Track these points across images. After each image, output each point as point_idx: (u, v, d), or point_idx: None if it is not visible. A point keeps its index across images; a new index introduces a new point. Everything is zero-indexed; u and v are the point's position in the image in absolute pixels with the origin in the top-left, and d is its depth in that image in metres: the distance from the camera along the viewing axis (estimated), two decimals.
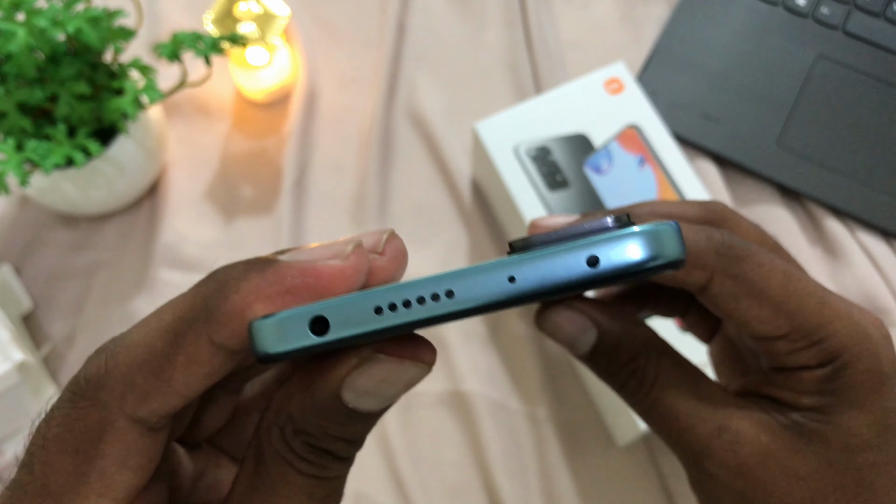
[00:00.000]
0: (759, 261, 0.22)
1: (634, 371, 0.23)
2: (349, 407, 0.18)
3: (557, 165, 0.48)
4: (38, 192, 0.50)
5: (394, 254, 0.19)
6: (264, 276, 0.17)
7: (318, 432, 0.18)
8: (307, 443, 0.18)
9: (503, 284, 0.18)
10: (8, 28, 0.43)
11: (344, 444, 0.18)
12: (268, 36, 0.53)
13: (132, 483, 0.18)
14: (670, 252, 0.18)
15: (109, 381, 0.17)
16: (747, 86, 0.57)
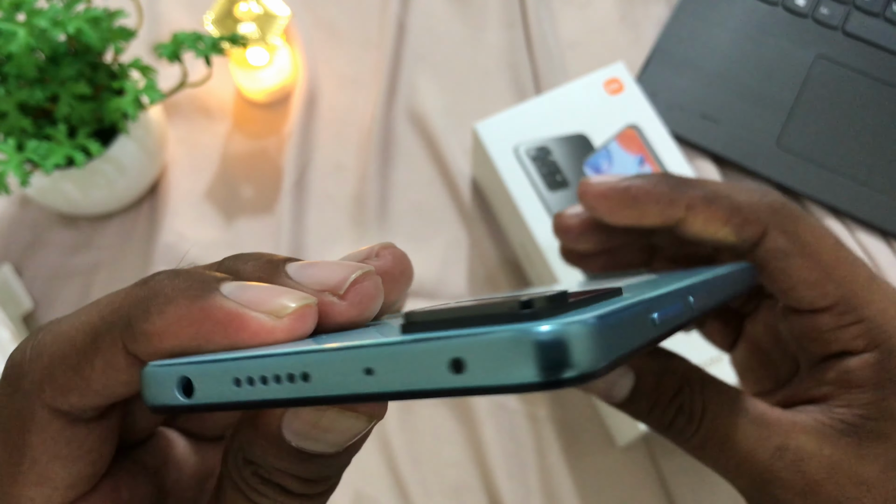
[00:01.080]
0: (812, 222, 0.22)
1: (680, 408, 0.22)
2: (294, 447, 0.16)
3: (557, 165, 0.48)
4: (39, 192, 0.50)
5: (357, 298, 0.16)
6: (191, 308, 0.15)
7: (266, 465, 0.16)
8: (256, 473, 0.16)
9: (359, 378, 0.13)
10: (8, 28, 0.43)
11: (297, 482, 0.16)
12: (268, 36, 0.53)
13: (71, 474, 0.17)
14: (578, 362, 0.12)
15: (30, 370, 0.16)
16: (747, 86, 0.57)
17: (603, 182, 0.25)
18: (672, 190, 0.23)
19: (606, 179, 0.25)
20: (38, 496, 0.17)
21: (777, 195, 0.23)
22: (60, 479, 0.17)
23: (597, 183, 0.25)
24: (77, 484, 0.17)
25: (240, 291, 0.16)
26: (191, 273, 0.16)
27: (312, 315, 0.16)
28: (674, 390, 0.22)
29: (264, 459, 0.16)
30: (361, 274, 0.16)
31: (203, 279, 0.16)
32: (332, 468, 0.17)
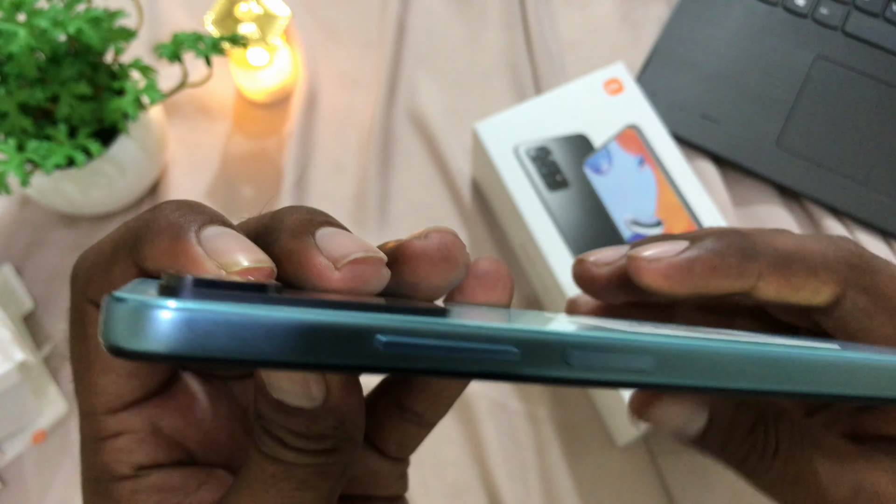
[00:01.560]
0: (892, 272, 0.21)
1: (754, 445, 0.21)
2: (276, 399, 0.17)
3: (557, 166, 0.48)
4: (39, 192, 0.50)
5: (350, 276, 0.17)
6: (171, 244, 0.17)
7: (270, 423, 0.18)
8: (262, 426, 0.18)
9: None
10: (9, 29, 0.43)
11: (291, 435, 0.17)
12: (268, 36, 0.53)
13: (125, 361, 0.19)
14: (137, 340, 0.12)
15: (79, 272, 0.19)
16: (746, 86, 0.57)
17: (659, 257, 0.21)
18: (741, 261, 0.21)
19: (661, 252, 0.21)
20: (108, 384, 0.19)
21: (852, 245, 0.22)
22: (117, 364, 0.19)
23: (651, 258, 0.21)
24: (135, 372, 0.19)
25: (213, 238, 0.17)
26: (190, 208, 0.17)
27: (263, 276, 0.17)
28: (748, 427, 0.21)
29: (262, 411, 0.17)
30: (363, 256, 0.17)
31: (192, 218, 0.17)
32: (319, 426, 0.17)
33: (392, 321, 0.13)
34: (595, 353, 0.14)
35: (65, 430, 0.49)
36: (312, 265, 0.17)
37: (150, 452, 0.20)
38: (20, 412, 0.47)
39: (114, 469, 0.19)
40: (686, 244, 0.21)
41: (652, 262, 0.21)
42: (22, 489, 0.48)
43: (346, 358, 0.13)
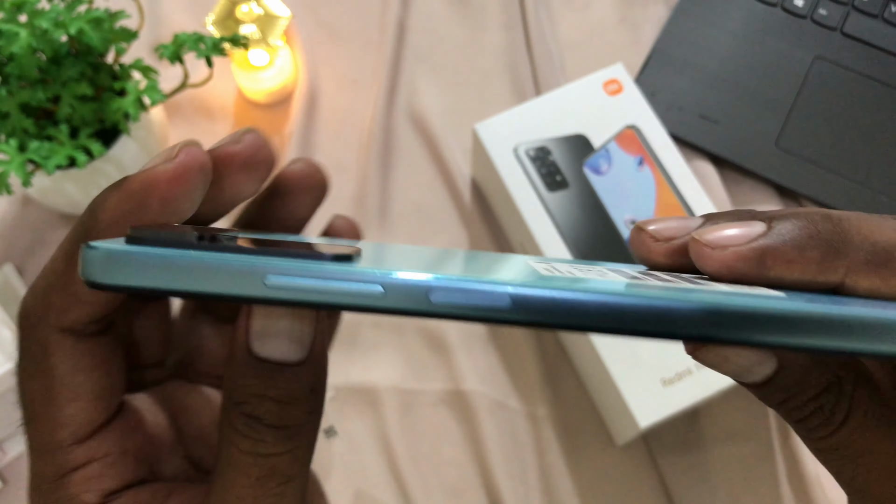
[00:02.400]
0: None
1: (820, 408, 0.19)
2: (261, 357, 0.18)
3: (557, 166, 0.49)
4: (41, 192, 0.50)
5: (250, 142, 0.20)
6: (119, 192, 0.18)
7: (247, 396, 0.18)
8: (243, 412, 0.18)
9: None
10: (10, 29, 0.43)
11: (273, 405, 0.18)
12: (269, 37, 0.53)
13: (93, 382, 0.20)
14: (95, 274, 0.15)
15: (33, 306, 0.19)
16: (745, 87, 0.57)
17: (726, 244, 0.18)
18: (826, 256, 0.18)
19: (730, 238, 0.19)
20: (76, 412, 0.19)
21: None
22: (86, 389, 0.19)
23: (717, 244, 0.19)
24: (102, 395, 0.20)
25: (147, 167, 0.19)
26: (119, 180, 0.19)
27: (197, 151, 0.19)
28: (819, 387, 0.19)
29: (244, 388, 0.18)
30: (185, 142, 0.19)
31: (125, 177, 0.19)
32: (301, 384, 0.18)
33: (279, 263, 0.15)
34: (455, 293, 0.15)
35: None
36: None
37: (119, 476, 0.20)
38: None
39: (82, 500, 0.19)
40: (762, 228, 0.18)
41: (717, 249, 0.18)
42: (23, 488, 0.48)
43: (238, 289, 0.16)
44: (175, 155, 0.18)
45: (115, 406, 0.20)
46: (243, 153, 0.20)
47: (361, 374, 0.50)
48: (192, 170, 0.18)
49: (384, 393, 0.50)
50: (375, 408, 0.49)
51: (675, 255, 0.20)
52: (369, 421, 0.49)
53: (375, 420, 0.49)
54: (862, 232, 0.18)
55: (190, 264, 0.15)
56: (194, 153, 0.19)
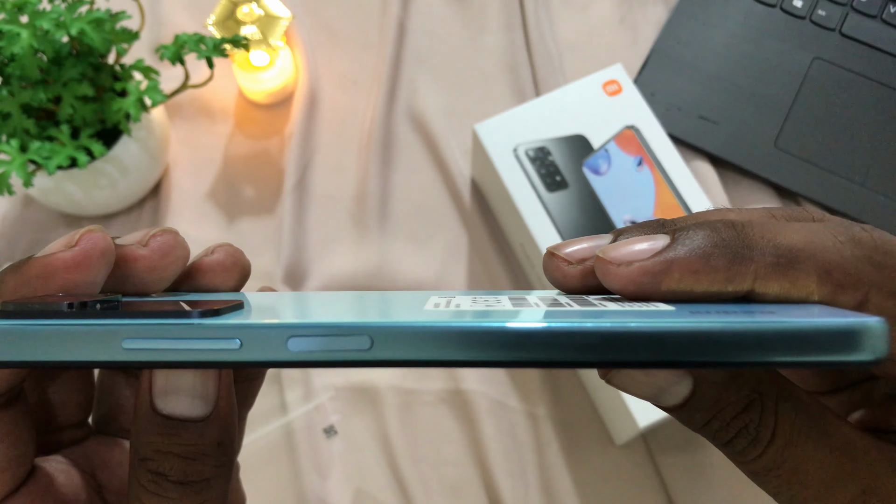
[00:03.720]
0: None
1: (745, 428, 0.18)
2: (164, 414, 0.18)
3: (556, 166, 0.49)
4: (42, 192, 0.50)
5: (157, 246, 0.20)
6: (17, 275, 0.18)
7: (152, 453, 0.18)
8: (148, 469, 0.18)
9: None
10: (12, 30, 0.43)
11: (178, 461, 0.18)
12: (269, 38, 0.53)
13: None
14: None
15: None
16: (744, 87, 0.57)
17: (630, 259, 0.18)
18: (732, 263, 0.17)
19: (633, 253, 0.18)
20: None
21: (877, 237, 0.18)
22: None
23: (621, 260, 0.18)
24: (8, 466, 0.19)
25: (47, 251, 0.19)
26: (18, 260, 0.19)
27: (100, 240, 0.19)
28: (739, 407, 0.18)
29: (149, 445, 0.18)
30: (159, 230, 0.20)
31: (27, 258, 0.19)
32: (206, 440, 0.18)
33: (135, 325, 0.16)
34: (314, 339, 0.15)
35: None
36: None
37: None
38: None
39: None
40: (665, 241, 0.18)
41: (621, 265, 0.18)
42: None
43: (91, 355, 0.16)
44: (76, 242, 0.18)
45: (22, 474, 0.20)
46: (149, 258, 0.20)
47: (361, 373, 0.50)
48: (92, 257, 0.18)
49: (384, 392, 0.50)
50: (375, 407, 0.50)
51: (590, 276, 0.19)
52: (369, 420, 0.49)
53: (375, 419, 0.49)
54: (766, 236, 0.18)
55: (47, 333, 0.15)
56: (95, 240, 0.19)
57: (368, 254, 0.54)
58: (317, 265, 0.54)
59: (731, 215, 0.20)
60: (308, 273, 0.54)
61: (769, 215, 0.20)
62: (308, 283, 0.53)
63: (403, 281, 0.53)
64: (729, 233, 0.18)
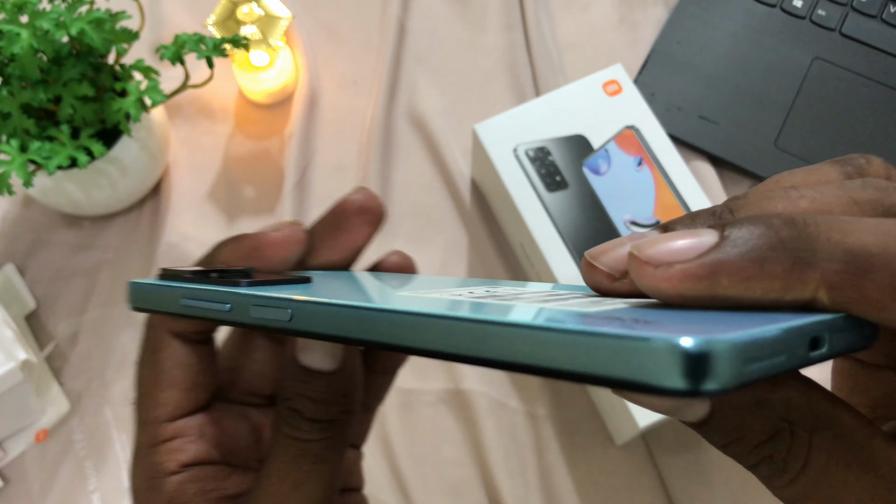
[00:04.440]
0: None
1: (769, 457, 0.16)
2: (303, 365, 0.22)
3: (556, 166, 0.49)
4: (42, 192, 0.50)
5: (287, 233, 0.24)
6: (234, 243, 0.24)
7: (291, 394, 0.23)
8: (288, 406, 0.23)
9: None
10: (11, 30, 0.43)
11: (309, 403, 0.22)
12: (269, 38, 0.53)
13: (188, 377, 0.25)
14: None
15: None
16: (744, 87, 0.57)
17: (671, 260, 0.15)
18: (791, 269, 0.15)
19: (675, 252, 0.15)
20: (170, 397, 0.25)
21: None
22: (181, 381, 0.25)
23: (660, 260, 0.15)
24: (193, 388, 0.25)
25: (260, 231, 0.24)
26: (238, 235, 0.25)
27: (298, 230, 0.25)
28: (763, 435, 0.16)
29: (289, 388, 0.22)
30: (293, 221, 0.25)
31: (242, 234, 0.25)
32: (333, 390, 0.23)
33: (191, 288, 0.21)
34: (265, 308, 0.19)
35: (66, 428, 0.49)
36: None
37: (194, 453, 0.25)
38: (22, 411, 0.48)
39: (165, 467, 0.25)
40: (713, 238, 0.15)
41: (660, 267, 0.15)
42: (24, 487, 0.48)
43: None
44: (280, 228, 0.24)
45: (202, 400, 0.26)
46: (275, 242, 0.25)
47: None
48: (291, 242, 0.24)
49: None
50: None
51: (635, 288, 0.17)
52: None
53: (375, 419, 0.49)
54: (833, 237, 0.15)
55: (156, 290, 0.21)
56: (296, 229, 0.24)
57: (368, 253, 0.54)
58: None
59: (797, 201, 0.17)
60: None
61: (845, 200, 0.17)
62: None
63: None
64: (788, 232, 0.15)
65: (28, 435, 0.48)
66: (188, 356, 0.25)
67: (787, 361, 0.14)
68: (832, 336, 0.15)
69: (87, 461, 0.49)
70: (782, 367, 0.14)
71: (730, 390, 0.12)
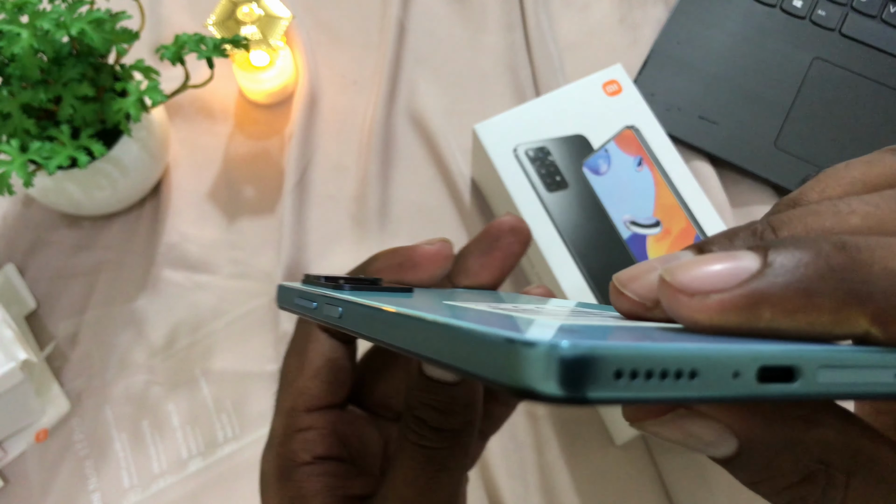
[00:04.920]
0: None
1: (802, 500, 0.15)
2: (428, 376, 0.23)
3: (556, 166, 0.49)
4: (42, 192, 0.50)
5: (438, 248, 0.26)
6: (391, 253, 0.26)
7: (416, 403, 0.23)
8: (414, 415, 0.23)
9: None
10: (12, 30, 0.43)
11: (433, 413, 0.23)
12: (269, 38, 0.53)
13: (329, 371, 0.27)
14: None
15: None
16: (744, 87, 0.57)
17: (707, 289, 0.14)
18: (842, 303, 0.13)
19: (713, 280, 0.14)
20: (312, 387, 0.26)
21: None
22: (324, 372, 0.27)
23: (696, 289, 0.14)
24: (333, 382, 0.27)
25: (414, 245, 0.26)
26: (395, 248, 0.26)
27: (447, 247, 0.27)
28: (795, 477, 0.15)
29: (415, 398, 0.23)
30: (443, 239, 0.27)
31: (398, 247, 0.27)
32: (456, 401, 0.23)
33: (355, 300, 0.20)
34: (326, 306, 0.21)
35: (67, 428, 0.49)
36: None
37: (327, 447, 0.26)
38: (23, 411, 0.48)
39: (299, 456, 0.26)
40: (755, 264, 0.14)
41: (696, 296, 0.14)
42: (24, 487, 0.48)
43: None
44: (433, 243, 0.26)
45: (340, 397, 0.27)
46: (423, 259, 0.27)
47: None
48: (441, 256, 0.26)
49: None
50: None
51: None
52: None
53: None
54: (889, 265, 0.13)
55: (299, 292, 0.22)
56: (446, 247, 0.26)
57: (368, 253, 0.54)
58: (317, 265, 0.54)
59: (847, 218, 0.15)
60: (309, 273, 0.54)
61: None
62: None
63: None
64: (839, 258, 0.14)
65: (28, 435, 0.48)
66: (333, 350, 0.27)
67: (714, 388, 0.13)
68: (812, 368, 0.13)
69: (87, 461, 0.49)
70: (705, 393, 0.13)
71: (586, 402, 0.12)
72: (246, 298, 0.53)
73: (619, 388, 0.12)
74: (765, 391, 0.13)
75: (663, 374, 0.12)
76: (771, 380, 0.13)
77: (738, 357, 0.13)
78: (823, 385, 0.13)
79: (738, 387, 0.13)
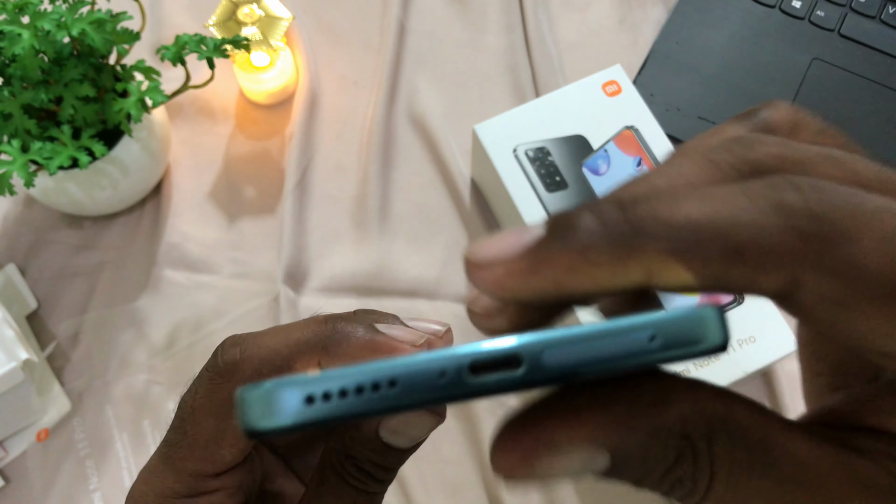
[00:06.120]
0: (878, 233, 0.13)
1: (679, 481, 0.15)
2: (384, 442, 0.23)
3: (556, 166, 0.49)
4: (43, 192, 0.50)
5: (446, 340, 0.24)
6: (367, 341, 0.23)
7: (362, 458, 0.23)
8: (354, 464, 0.23)
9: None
10: (13, 31, 0.43)
11: (380, 470, 0.23)
12: (270, 39, 0.53)
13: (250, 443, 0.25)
14: None
15: (242, 367, 0.23)
16: (743, 88, 0.57)
17: (494, 260, 0.15)
18: (616, 254, 0.14)
19: (499, 251, 0.15)
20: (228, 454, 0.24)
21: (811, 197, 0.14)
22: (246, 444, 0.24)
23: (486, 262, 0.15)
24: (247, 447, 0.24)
25: (388, 330, 0.23)
26: (357, 318, 0.23)
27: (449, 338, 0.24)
28: (668, 461, 0.15)
29: (362, 453, 0.23)
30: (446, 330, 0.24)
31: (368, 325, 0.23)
32: (401, 460, 0.23)
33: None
34: None
35: (68, 428, 0.49)
36: None
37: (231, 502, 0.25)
38: (24, 410, 0.48)
39: None
40: (538, 233, 0.15)
41: (486, 268, 0.15)
42: (25, 486, 0.48)
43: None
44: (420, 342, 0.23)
45: (243, 455, 0.25)
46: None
47: None
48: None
49: None
50: None
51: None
52: None
53: None
54: (660, 215, 0.14)
55: None
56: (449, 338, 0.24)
57: (369, 253, 0.54)
58: (317, 265, 0.54)
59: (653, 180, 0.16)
60: (309, 273, 0.54)
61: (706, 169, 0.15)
62: (308, 282, 0.53)
63: (404, 281, 0.53)
64: (613, 215, 0.14)
65: (29, 434, 0.48)
66: None
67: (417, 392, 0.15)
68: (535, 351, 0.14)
69: (88, 461, 0.49)
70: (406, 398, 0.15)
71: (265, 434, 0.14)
72: (246, 298, 0.53)
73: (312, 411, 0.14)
74: (483, 382, 0.15)
75: (359, 389, 0.14)
76: (488, 371, 0.14)
77: (443, 357, 0.14)
78: (552, 365, 0.14)
79: (448, 385, 0.15)
